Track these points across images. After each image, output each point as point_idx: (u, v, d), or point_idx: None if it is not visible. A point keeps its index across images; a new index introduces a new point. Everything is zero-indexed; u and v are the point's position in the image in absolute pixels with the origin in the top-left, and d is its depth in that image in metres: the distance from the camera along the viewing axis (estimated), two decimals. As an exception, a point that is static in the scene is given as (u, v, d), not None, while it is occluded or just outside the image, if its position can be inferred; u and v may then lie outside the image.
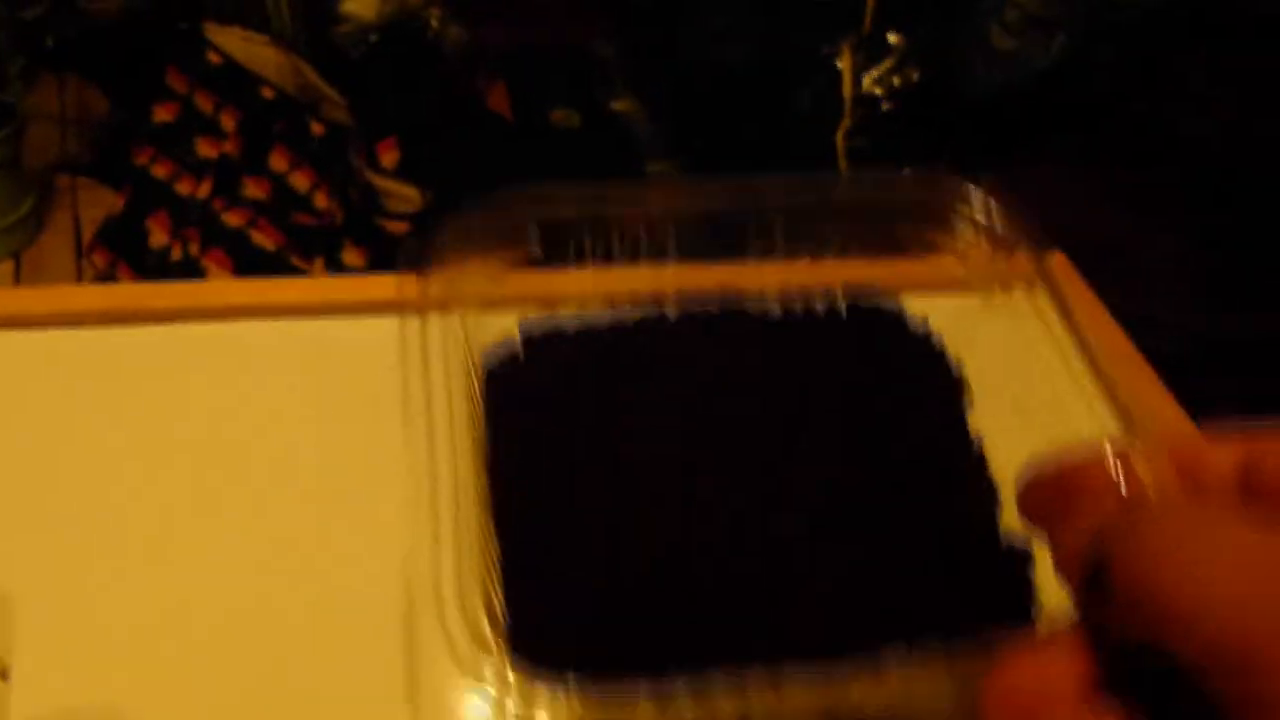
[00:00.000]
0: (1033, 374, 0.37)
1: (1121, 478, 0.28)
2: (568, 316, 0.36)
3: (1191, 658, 0.22)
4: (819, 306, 0.38)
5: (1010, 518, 0.34)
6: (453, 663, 0.24)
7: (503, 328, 0.35)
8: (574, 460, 0.33)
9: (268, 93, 1.47)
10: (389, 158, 1.41)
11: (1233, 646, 0.21)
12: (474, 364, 0.34)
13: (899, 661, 0.27)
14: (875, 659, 0.27)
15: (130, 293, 0.49)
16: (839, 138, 1.44)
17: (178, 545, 0.40)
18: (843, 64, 1.41)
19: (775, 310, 0.38)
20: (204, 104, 1.47)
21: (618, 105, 1.66)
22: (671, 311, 0.36)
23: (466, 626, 0.25)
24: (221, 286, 0.50)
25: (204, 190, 1.41)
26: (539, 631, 0.28)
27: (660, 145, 1.61)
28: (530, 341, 0.35)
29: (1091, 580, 0.25)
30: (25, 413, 0.43)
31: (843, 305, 0.38)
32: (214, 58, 1.47)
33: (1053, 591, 0.29)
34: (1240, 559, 0.22)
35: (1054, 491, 0.28)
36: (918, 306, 0.39)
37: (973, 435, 0.36)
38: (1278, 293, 0.90)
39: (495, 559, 0.28)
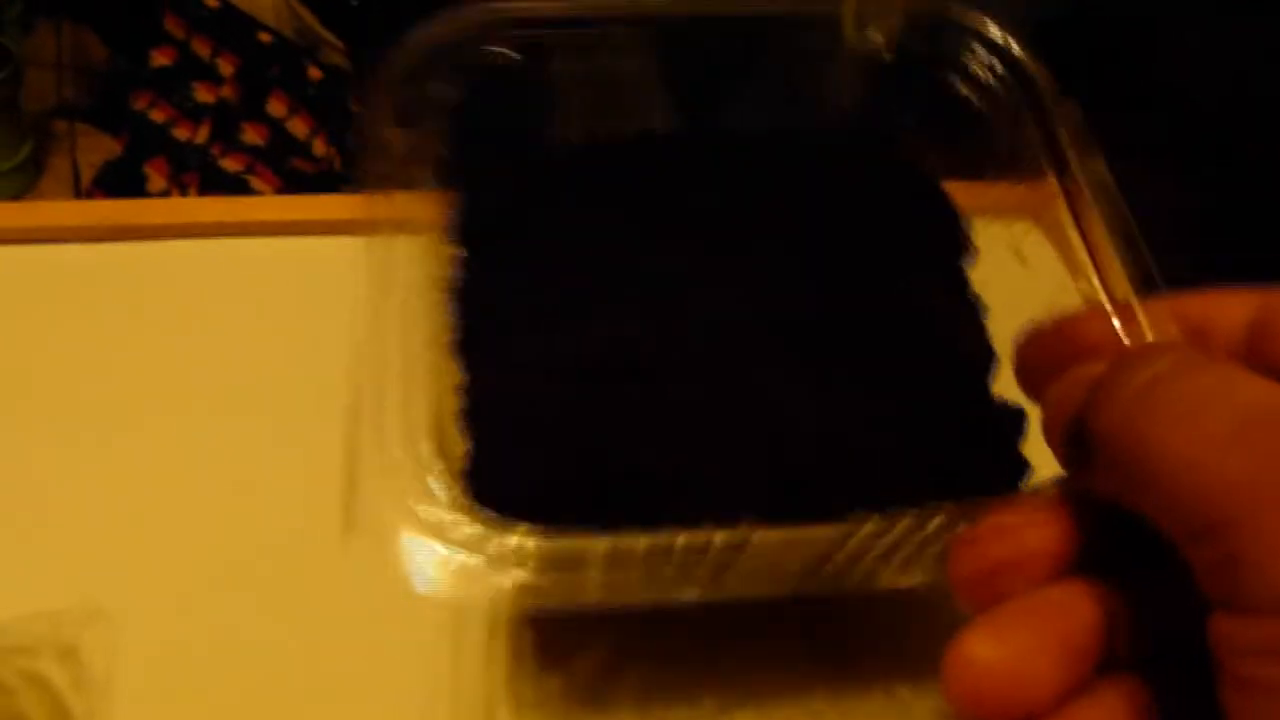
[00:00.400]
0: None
1: (1122, 333, 0.26)
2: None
3: (1167, 518, 0.21)
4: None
5: (1006, 387, 0.32)
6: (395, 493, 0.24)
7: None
8: (543, 291, 0.31)
9: (265, 37, 1.46)
10: (387, 103, 1.40)
11: (1215, 502, 0.20)
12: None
13: (873, 524, 0.25)
14: (849, 520, 0.25)
15: (104, 209, 0.49)
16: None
17: (140, 441, 0.41)
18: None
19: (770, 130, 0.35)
20: (201, 49, 1.46)
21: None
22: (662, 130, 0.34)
23: (412, 458, 0.24)
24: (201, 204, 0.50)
25: (202, 135, 1.41)
26: (496, 471, 0.26)
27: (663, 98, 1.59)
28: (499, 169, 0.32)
29: (1075, 437, 0.23)
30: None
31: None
32: (211, 2, 1.45)
33: (1046, 465, 0.27)
34: (1230, 410, 0.20)
35: (1051, 347, 0.26)
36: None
37: (971, 294, 0.34)
38: (1272, 245, 0.90)
39: (456, 398, 0.27)
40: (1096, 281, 0.32)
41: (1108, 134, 0.98)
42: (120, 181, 1.40)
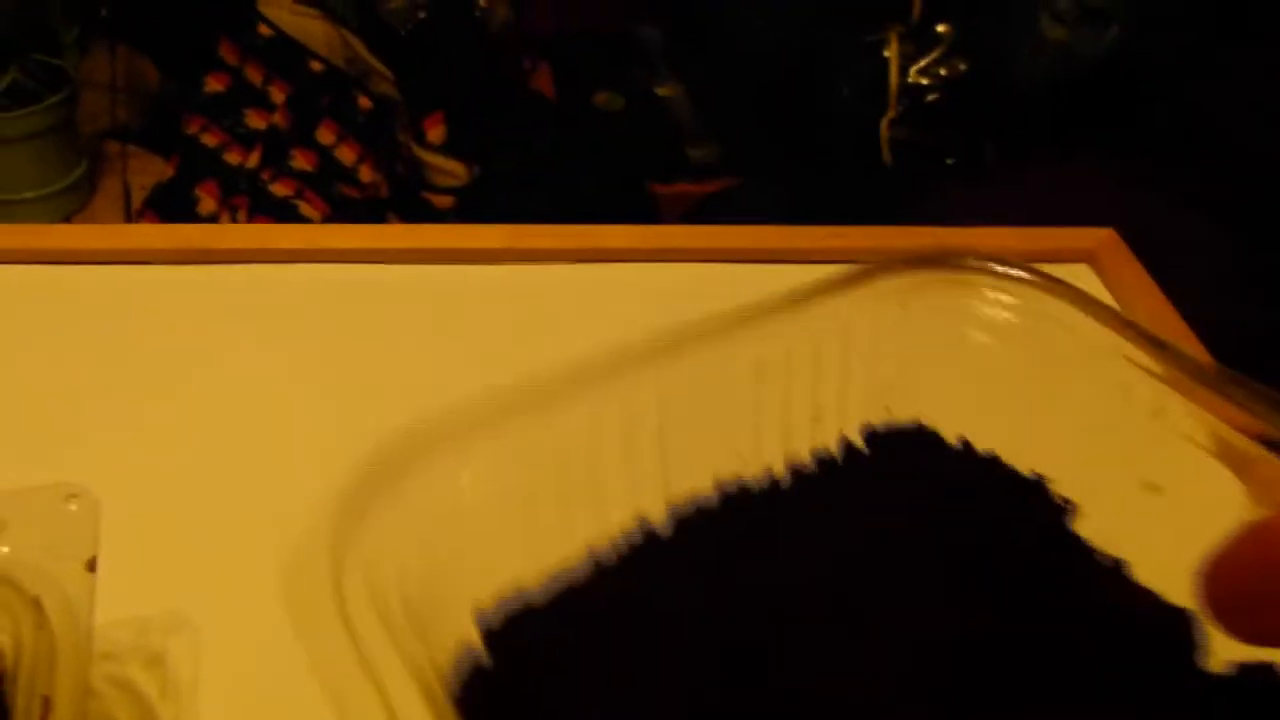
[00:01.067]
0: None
1: None
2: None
3: None
4: (830, 454, 0.30)
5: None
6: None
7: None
8: None
9: (316, 66, 1.48)
10: (435, 133, 1.42)
11: None
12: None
13: None
14: None
15: (193, 234, 0.51)
16: (883, 127, 1.43)
17: (221, 452, 0.43)
18: (889, 53, 1.41)
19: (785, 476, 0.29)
20: (254, 76, 1.49)
21: (661, 90, 1.67)
22: (664, 530, 0.27)
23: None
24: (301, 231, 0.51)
25: (253, 160, 1.43)
26: None
27: (702, 130, 1.62)
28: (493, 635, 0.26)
29: None
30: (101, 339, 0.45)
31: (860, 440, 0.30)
32: (265, 30, 1.48)
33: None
34: None
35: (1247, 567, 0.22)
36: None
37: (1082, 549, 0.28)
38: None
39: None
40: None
41: (1160, 181, 0.98)
42: (171, 203, 1.42)
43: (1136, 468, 0.28)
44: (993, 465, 0.30)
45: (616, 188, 1.44)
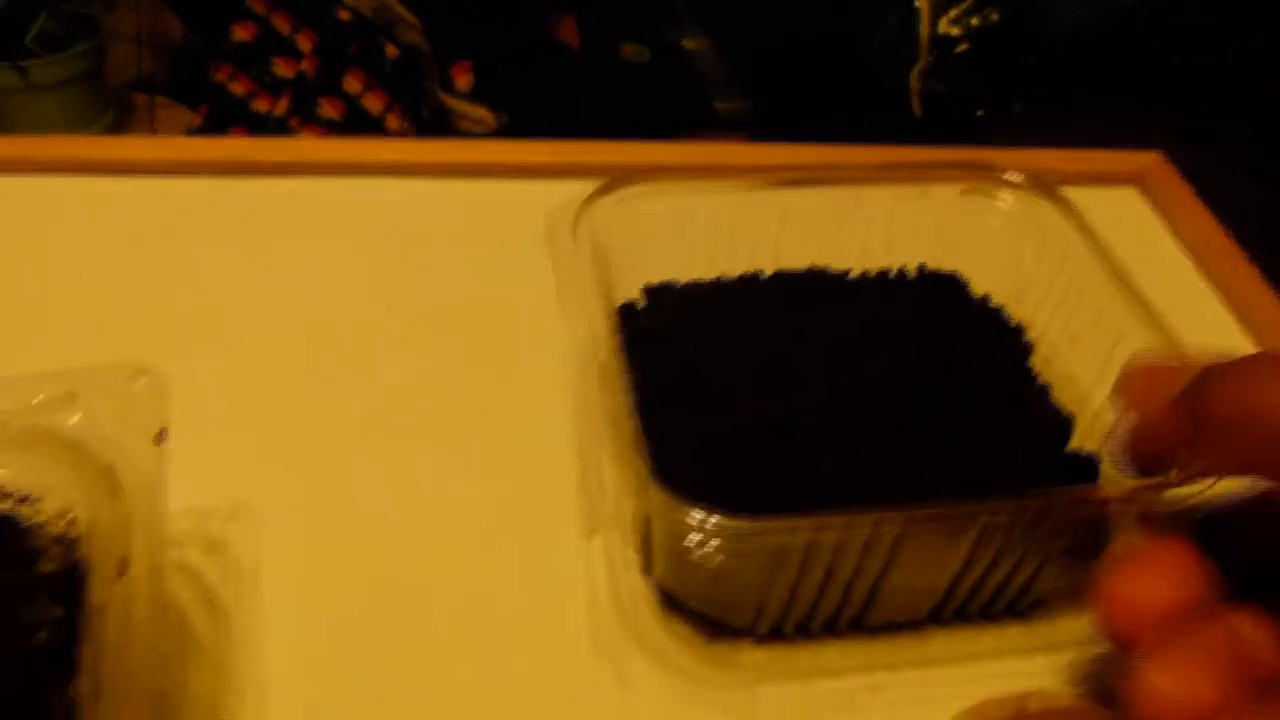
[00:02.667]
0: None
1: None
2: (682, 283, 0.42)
3: None
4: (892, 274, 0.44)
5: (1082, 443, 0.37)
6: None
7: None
8: (699, 364, 0.38)
9: (344, 14, 1.48)
10: (463, 80, 1.41)
11: None
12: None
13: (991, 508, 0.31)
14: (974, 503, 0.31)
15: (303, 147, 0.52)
16: (913, 78, 1.42)
17: (282, 349, 0.44)
18: (920, 2, 1.39)
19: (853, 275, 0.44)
20: (281, 25, 1.48)
21: (688, 42, 1.66)
22: (762, 277, 0.42)
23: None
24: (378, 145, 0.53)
25: (281, 108, 1.43)
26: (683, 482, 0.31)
27: (730, 83, 1.61)
28: (652, 294, 0.41)
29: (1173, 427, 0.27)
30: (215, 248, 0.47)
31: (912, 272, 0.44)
32: (292, -21, 1.48)
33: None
34: None
35: (1155, 375, 0.30)
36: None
37: (1035, 375, 0.40)
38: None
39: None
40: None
41: (1190, 130, 0.96)
42: (199, 151, 1.42)
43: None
44: (985, 302, 0.42)
45: (643, 140, 1.43)
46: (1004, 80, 1.34)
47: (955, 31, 1.38)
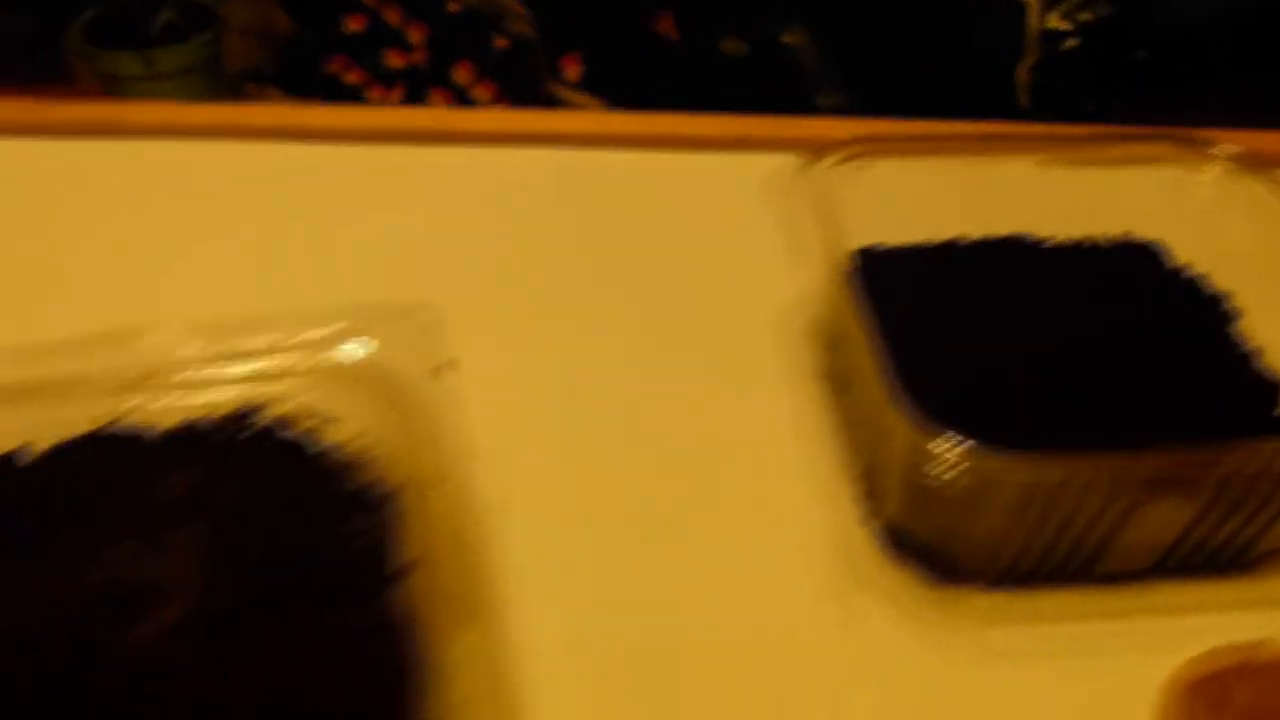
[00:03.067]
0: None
1: None
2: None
3: None
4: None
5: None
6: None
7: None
8: (927, 318, 0.41)
9: (453, 7, 1.50)
10: (572, 70, 1.44)
11: None
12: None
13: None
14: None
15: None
16: (1020, 73, 1.41)
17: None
18: (1030, -3, 1.38)
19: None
20: (392, 17, 1.51)
21: (787, 37, 1.66)
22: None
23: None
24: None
25: (394, 99, 1.46)
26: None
27: (830, 78, 1.61)
28: (865, 256, 0.44)
29: None
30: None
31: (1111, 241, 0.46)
32: (401, -28, 1.51)
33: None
34: None
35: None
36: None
37: (1238, 340, 0.41)
38: None
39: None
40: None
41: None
42: (314, 139, 1.46)
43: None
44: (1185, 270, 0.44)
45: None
46: (1116, 74, 1.33)
47: (1065, 26, 1.37)
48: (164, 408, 0.31)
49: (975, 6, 1.42)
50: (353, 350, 0.32)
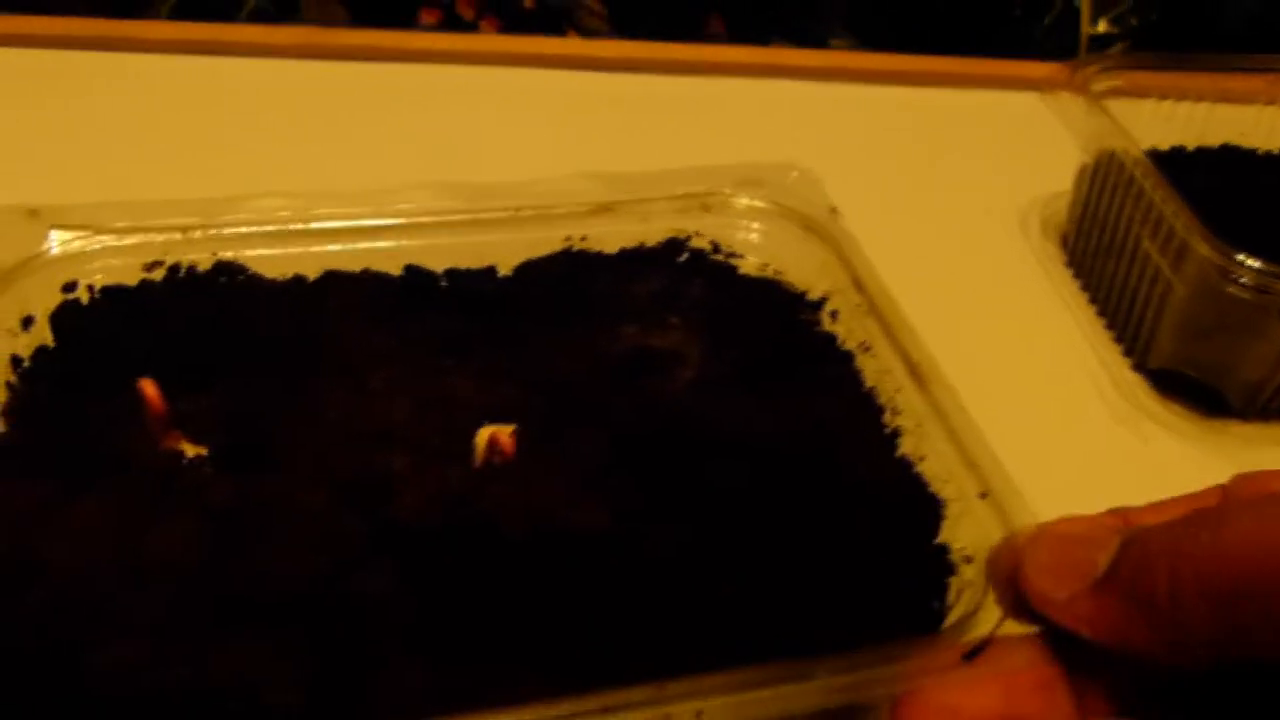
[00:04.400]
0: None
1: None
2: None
3: None
4: None
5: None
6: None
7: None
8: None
9: (528, 2, 1.56)
10: (649, 63, 1.49)
11: None
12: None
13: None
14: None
15: None
16: (1069, 75, 1.48)
17: None
18: (1081, 1, 1.45)
19: None
20: (465, 11, 1.57)
21: (835, 42, 1.73)
22: None
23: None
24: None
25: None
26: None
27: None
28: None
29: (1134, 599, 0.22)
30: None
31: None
32: (474, -32, 1.56)
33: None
34: None
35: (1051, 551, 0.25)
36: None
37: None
38: None
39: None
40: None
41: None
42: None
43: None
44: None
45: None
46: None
47: (1114, 30, 1.44)
48: (606, 232, 0.36)
49: (1027, 12, 1.48)
50: (745, 197, 0.37)
